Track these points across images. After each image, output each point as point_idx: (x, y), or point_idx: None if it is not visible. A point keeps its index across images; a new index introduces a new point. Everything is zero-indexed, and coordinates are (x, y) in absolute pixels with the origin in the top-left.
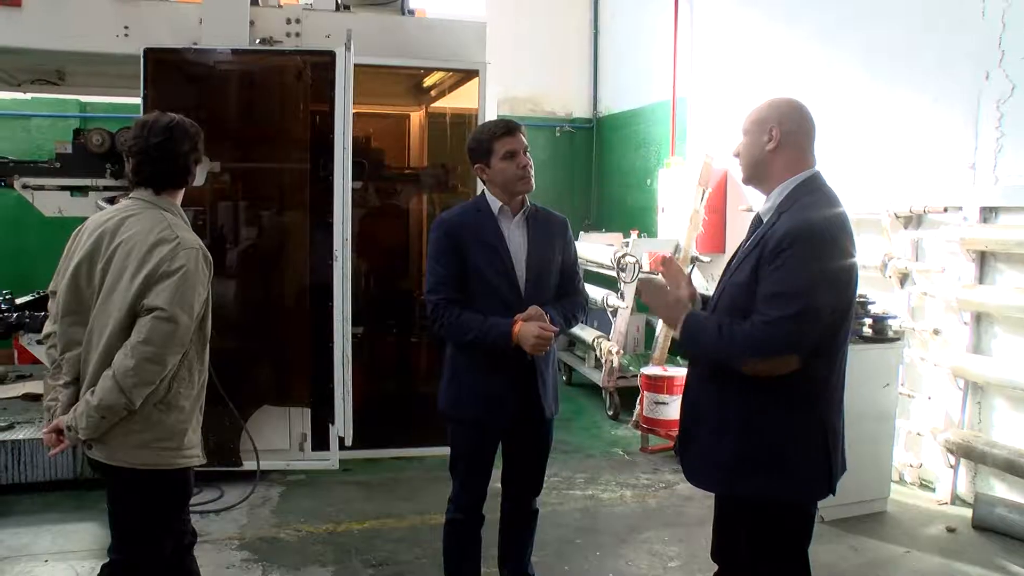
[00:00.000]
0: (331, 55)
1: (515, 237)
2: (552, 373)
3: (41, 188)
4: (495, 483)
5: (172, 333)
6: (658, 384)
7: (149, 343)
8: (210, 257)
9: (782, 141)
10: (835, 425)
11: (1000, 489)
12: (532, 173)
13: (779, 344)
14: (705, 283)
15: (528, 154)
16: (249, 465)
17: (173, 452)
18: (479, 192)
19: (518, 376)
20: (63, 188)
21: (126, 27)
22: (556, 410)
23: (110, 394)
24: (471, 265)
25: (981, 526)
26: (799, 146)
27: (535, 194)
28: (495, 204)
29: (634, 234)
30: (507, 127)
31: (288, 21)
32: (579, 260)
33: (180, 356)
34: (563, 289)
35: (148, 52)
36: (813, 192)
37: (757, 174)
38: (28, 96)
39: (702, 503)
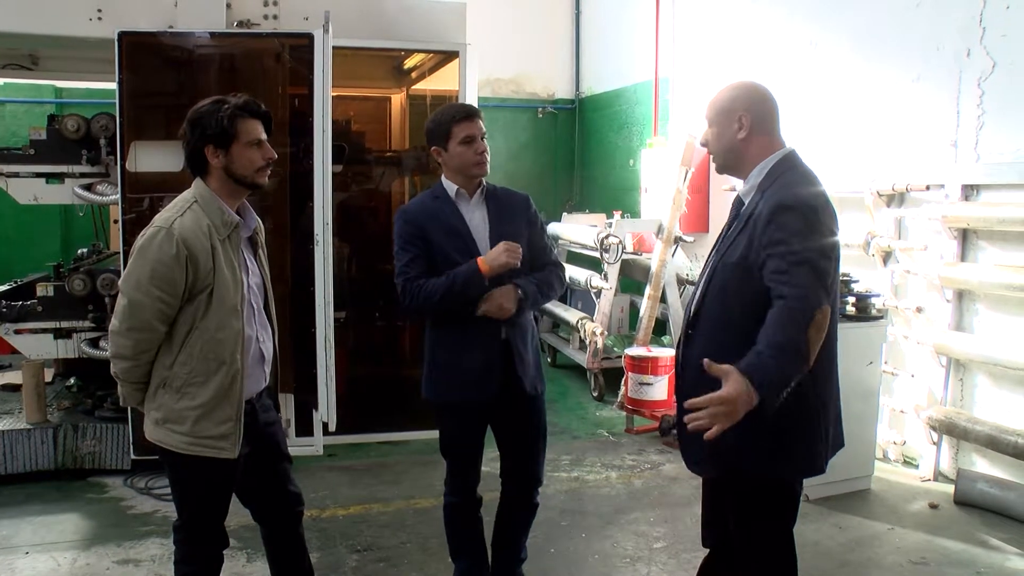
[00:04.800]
0: (309, 37)
1: (475, 218)
2: (532, 350)
3: (16, 175)
4: (494, 466)
5: (124, 308)
6: (642, 365)
7: (114, 316)
8: (185, 237)
9: (753, 128)
10: (827, 403)
11: (982, 465)
12: (488, 158)
13: (813, 302)
14: (690, 263)
15: (485, 140)
16: None
17: (183, 437)
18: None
19: (493, 352)
20: (38, 175)
21: (99, 10)
22: (541, 387)
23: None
24: (436, 249)
25: (963, 501)
26: (769, 130)
27: (519, 174)
28: (451, 188)
29: (617, 215)
30: (467, 112)
31: (265, 3)
32: (560, 239)
33: (148, 334)
34: (537, 262)
35: (123, 36)
36: (792, 170)
37: (731, 162)
38: (1, 82)
39: (687, 484)
